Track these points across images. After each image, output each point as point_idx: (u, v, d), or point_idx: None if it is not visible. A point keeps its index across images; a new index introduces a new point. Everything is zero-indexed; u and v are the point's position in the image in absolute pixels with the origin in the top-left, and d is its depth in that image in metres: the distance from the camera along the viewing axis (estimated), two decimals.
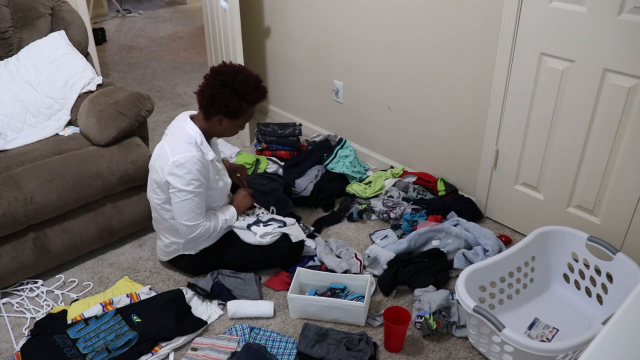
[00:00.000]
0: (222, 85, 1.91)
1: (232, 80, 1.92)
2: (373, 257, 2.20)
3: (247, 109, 1.98)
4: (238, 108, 1.95)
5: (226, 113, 1.95)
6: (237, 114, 1.96)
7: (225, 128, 2.02)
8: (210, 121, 1.99)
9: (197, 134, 1.98)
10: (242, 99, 1.93)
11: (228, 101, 1.92)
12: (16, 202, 2.02)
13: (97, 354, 1.81)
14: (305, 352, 1.83)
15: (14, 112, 2.42)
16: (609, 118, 1.97)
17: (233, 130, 2.05)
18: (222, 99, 1.92)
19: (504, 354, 1.71)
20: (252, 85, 1.95)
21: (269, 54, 3.47)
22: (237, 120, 2.00)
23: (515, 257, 2.00)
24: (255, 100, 1.98)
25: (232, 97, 1.92)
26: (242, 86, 1.92)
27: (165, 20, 5.85)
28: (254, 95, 1.96)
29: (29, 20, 2.60)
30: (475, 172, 2.55)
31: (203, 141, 1.99)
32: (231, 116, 1.97)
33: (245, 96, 1.94)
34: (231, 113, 1.95)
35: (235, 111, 1.95)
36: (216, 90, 1.92)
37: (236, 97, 1.92)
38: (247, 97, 1.94)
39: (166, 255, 2.20)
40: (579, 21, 1.93)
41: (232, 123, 2.00)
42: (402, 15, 2.53)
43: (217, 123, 1.99)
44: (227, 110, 1.94)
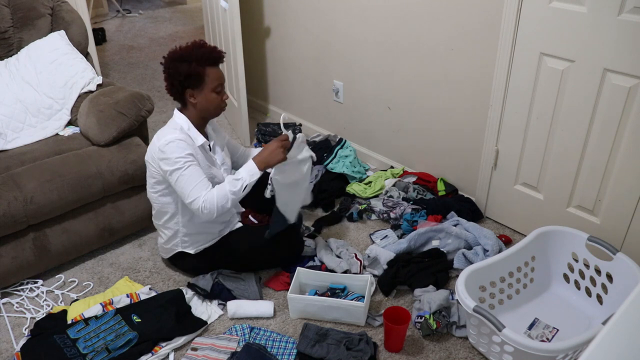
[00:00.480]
0: (169, 61, 1.95)
1: (173, 54, 1.96)
2: (373, 257, 2.20)
3: (204, 69, 1.94)
4: (192, 72, 1.92)
5: (187, 81, 1.94)
6: (196, 79, 1.94)
7: (203, 101, 1.98)
8: (187, 105, 2.00)
9: (183, 121, 2.00)
10: (190, 61, 1.92)
11: (178, 70, 1.92)
12: (16, 202, 2.02)
13: (97, 354, 1.81)
14: (305, 352, 1.83)
15: (14, 112, 2.42)
16: (609, 118, 1.97)
17: (213, 100, 1.99)
18: (174, 71, 1.94)
19: (504, 354, 1.71)
20: (194, 47, 1.95)
21: (269, 54, 3.47)
22: (204, 86, 1.95)
23: (515, 257, 2.00)
24: (204, 58, 1.94)
25: (181, 64, 1.92)
26: (184, 52, 1.94)
27: (165, 20, 5.85)
28: (199, 53, 1.93)
29: (29, 20, 2.60)
30: (475, 172, 2.55)
31: (190, 127, 2.00)
32: (194, 83, 1.94)
33: (190, 57, 1.92)
34: (190, 79, 1.93)
35: (193, 76, 1.93)
36: (168, 69, 1.96)
37: (184, 64, 1.92)
38: (193, 58, 1.92)
39: (166, 253, 2.20)
40: (579, 21, 1.93)
41: (203, 92, 1.96)
42: (402, 15, 2.53)
43: (192, 100, 1.98)
44: (186, 79, 1.93)
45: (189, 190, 1.91)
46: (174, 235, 2.11)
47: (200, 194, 1.90)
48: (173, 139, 1.91)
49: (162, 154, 1.92)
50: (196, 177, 1.92)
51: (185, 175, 1.91)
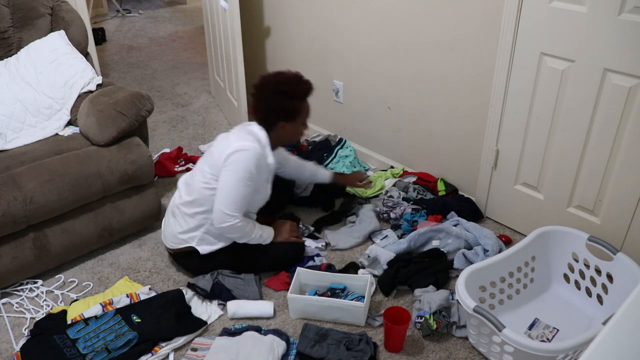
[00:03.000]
0: (270, 94, 2.02)
1: (275, 85, 2.03)
2: (373, 257, 2.20)
3: (302, 106, 2.06)
4: (293, 108, 2.03)
5: (284, 117, 2.04)
6: (294, 113, 2.04)
7: (290, 132, 2.09)
8: (272, 131, 2.06)
9: (263, 136, 2.05)
10: (292, 97, 2.02)
11: (281, 105, 2.01)
12: (16, 202, 2.02)
13: (96, 354, 1.81)
14: (305, 352, 1.83)
15: (13, 112, 2.42)
16: (609, 118, 1.97)
17: (299, 131, 2.13)
18: (275, 106, 2.02)
19: (504, 354, 1.70)
20: (295, 81, 2.04)
21: (269, 54, 3.47)
22: (298, 119, 2.07)
23: (516, 257, 2.00)
24: (304, 94, 2.05)
25: (283, 99, 2.01)
26: (287, 86, 2.02)
27: (165, 20, 5.85)
28: (301, 89, 2.04)
29: (28, 20, 2.60)
30: (475, 172, 2.55)
31: (267, 145, 2.05)
32: (290, 118, 2.04)
33: (294, 94, 2.02)
34: (288, 115, 2.04)
35: (292, 111, 2.04)
36: (266, 101, 2.03)
37: (286, 98, 2.01)
38: (296, 94, 2.03)
39: (176, 244, 2.15)
40: (579, 21, 1.93)
41: (294, 124, 2.07)
42: (402, 14, 2.53)
43: (281, 130, 2.06)
44: (284, 114, 2.03)
45: (233, 204, 1.97)
46: (196, 228, 2.09)
47: (236, 213, 1.99)
48: (252, 148, 1.96)
49: (235, 155, 1.94)
50: (245, 199, 2.00)
51: (239, 191, 1.97)
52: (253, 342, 1.84)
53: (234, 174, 1.95)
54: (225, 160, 1.96)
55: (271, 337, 1.86)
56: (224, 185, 1.97)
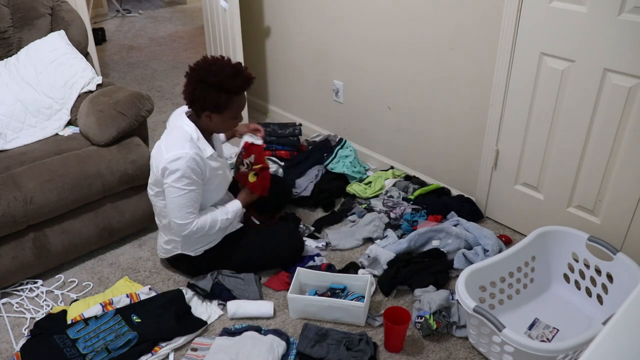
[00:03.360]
0: (198, 81, 1.87)
1: (206, 74, 1.86)
2: (373, 257, 2.20)
3: (231, 100, 1.90)
4: (219, 101, 1.87)
5: (210, 108, 1.90)
6: (221, 107, 1.89)
7: (218, 123, 1.96)
8: (200, 119, 1.96)
9: (192, 130, 1.94)
10: (220, 90, 1.86)
11: (206, 95, 1.86)
12: (16, 202, 2.02)
13: (96, 354, 1.81)
14: (305, 352, 1.83)
15: (13, 112, 2.42)
16: (609, 118, 1.97)
17: (228, 124, 2.00)
18: (200, 94, 1.87)
19: (504, 354, 1.70)
20: (229, 74, 1.86)
21: (269, 54, 3.47)
22: (226, 112, 1.92)
23: (516, 257, 2.00)
24: (235, 90, 1.88)
25: (210, 90, 1.86)
26: (217, 78, 1.85)
27: (165, 20, 5.85)
28: (232, 84, 1.87)
29: (28, 20, 2.60)
30: (475, 172, 2.55)
31: (200, 137, 1.95)
32: (216, 110, 1.90)
33: (223, 87, 1.85)
34: (214, 107, 1.89)
35: (218, 104, 1.88)
36: (193, 86, 1.89)
37: (213, 90, 1.85)
38: (225, 88, 1.86)
39: (165, 253, 2.19)
40: (579, 21, 1.93)
41: (222, 117, 1.93)
42: (402, 14, 2.53)
43: (208, 120, 1.94)
44: (210, 105, 1.89)
45: (182, 212, 1.93)
46: (173, 238, 2.11)
47: (190, 219, 1.95)
48: (183, 155, 1.86)
49: (169, 165, 1.87)
50: (194, 202, 1.95)
51: (185, 198, 1.92)
52: (253, 342, 1.84)
53: (173, 185, 1.89)
54: (163, 174, 1.90)
55: (271, 337, 1.86)
56: (169, 199, 1.93)
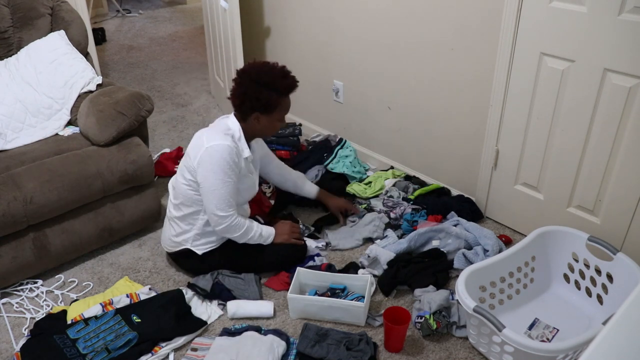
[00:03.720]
0: (249, 82, 1.95)
1: (257, 74, 1.95)
2: (373, 257, 2.20)
3: (280, 101, 1.98)
4: (269, 100, 1.95)
5: (260, 108, 1.97)
6: (270, 107, 1.97)
7: (265, 125, 2.02)
8: (247, 122, 2.02)
9: (236, 129, 2.01)
10: (271, 90, 1.94)
11: (258, 95, 1.94)
12: (16, 202, 2.02)
13: (96, 354, 1.81)
14: (305, 352, 1.83)
15: (13, 112, 2.42)
16: (609, 118, 1.97)
17: (274, 126, 2.05)
18: (252, 95, 1.94)
19: (504, 354, 1.70)
20: (279, 75, 1.97)
21: (269, 54, 3.47)
22: (274, 114, 2.00)
23: (516, 257, 2.00)
24: (285, 90, 1.98)
25: (262, 90, 1.94)
26: (269, 78, 1.94)
27: (165, 20, 5.85)
28: (282, 84, 1.96)
29: (28, 20, 2.60)
30: (475, 172, 2.55)
31: (241, 137, 2.01)
32: (266, 110, 1.97)
33: (274, 87, 1.94)
34: (264, 107, 1.96)
35: (268, 104, 1.96)
36: (245, 87, 1.96)
37: (265, 89, 1.94)
38: (276, 88, 1.95)
39: (172, 247, 2.17)
40: (579, 21, 1.93)
41: (269, 118, 2.00)
42: (403, 15, 2.53)
43: (255, 122, 2.01)
44: (260, 105, 1.96)
45: (223, 204, 1.96)
46: (189, 230, 2.10)
47: (230, 211, 1.98)
48: (224, 146, 1.92)
49: (209, 156, 1.92)
50: (231, 194, 1.97)
51: (225, 189, 1.95)
52: (253, 342, 1.84)
53: (211, 174, 1.93)
54: (199, 161, 1.94)
55: (271, 337, 1.86)
56: (206, 188, 1.96)
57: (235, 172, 1.97)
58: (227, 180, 1.95)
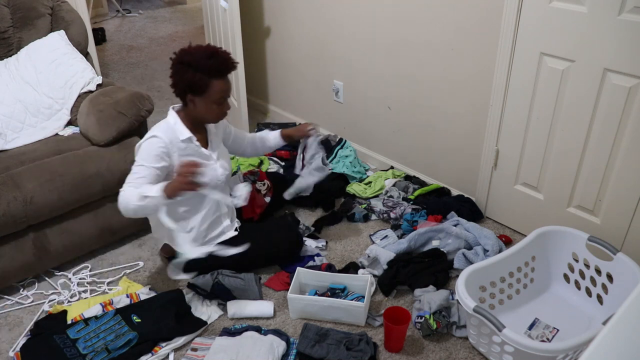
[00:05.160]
0: (175, 63, 1.95)
1: (181, 55, 1.94)
2: (373, 257, 2.20)
3: (209, 82, 1.92)
4: (195, 81, 1.90)
5: (189, 89, 1.93)
6: (198, 88, 1.92)
7: (202, 109, 1.97)
8: (187, 106, 2.00)
9: (171, 117, 2.02)
10: (195, 69, 1.90)
11: (183, 75, 1.91)
12: (16, 202, 2.02)
13: (96, 354, 1.81)
14: (305, 352, 1.83)
15: (13, 112, 2.42)
16: (609, 118, 1.97)
17: (213, 110, 1.99)
18: (179, 75, 1.93)
19: (504, 354, 1.70)
20: (204, 55, 1.92)
21: (269, 54, 3.47)
22: (207, 95, 1.94)
23: (516, 257, 2.00)
24: (211, 71, 1.91)
25: (185, 70, 1.91)
26: (192, 58, 1.91)
27: (165, 20, 5.85)
28: (207, 64, 1.90)
29: (28, 20, 2.60)
30: (475, 172, 2.55)
31: (177, 122, 2.00)
32: (196, 92, 1.93)
33: (198, 66, 1.90)
34: (191, 88, 1.92)
35: (194, 85, 1.91)
36: (174, 69, 1.96)
37: (189, 69, 1.90)
38: (200, 67, 1.90)
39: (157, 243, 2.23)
40: (579, 21, 1.93)
41: (204, 101, 1.95)
42: (403, 15, 2.53)
43: (192, 105, 1.98)
44: (187, 85, 1.92)
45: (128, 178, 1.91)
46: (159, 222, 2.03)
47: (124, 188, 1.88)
48: (149, 138, 1.94)
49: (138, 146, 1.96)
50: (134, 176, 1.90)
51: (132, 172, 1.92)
52: (253, 342, 1.84)
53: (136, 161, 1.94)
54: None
55: (271, 337, 1.86)
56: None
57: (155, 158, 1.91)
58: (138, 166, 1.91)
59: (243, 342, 1.85)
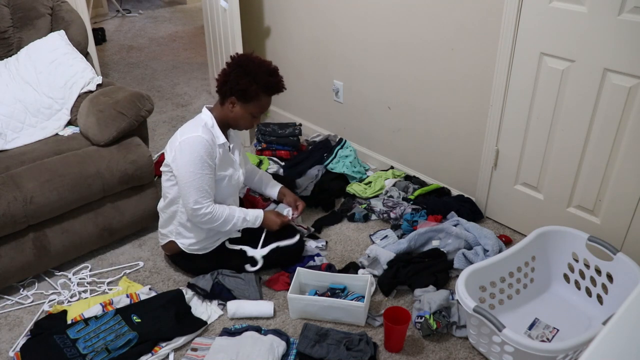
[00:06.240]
0: (235, 65, 1.98)
1: (245, 61, 1.97)
2: (373, 257, 2.20)
3: (259, 94, 1.97)
4: (248, 89, 1.94)
5: (237, 93, 1.96)
6: (247, 96, 1.96)
7: (238, 114, 2.01)
8: (224, 106, 2.02)
9: (208, 118, 2.02)
10: (253, 80, 1.94)
11: (239, 79, 1.94)
12: (16, 202, 2.02)
13: (97, 354, 1.81)
14: (305, 352, 1.83)
15: (13, 112, 2.42)
16: (609, 118, 1.97)
17: (246, 119, 2.03)
18: (234, 78, 1.95)
19: (504, 354, 1.70)
20: (266, 71, 1.97)
21: (269, 54, 3.47)
22: (250, 105, 1.99)
23: (516, 257, 2.00)
24: (266, 86, 1.97)
25: (244, 76, 1.94)
26: (255, 68, 1.95)
27: (165, 20, 5.85)
28: (266, 80, 1.96)
29: (28, 20, 2.60)
30: (475, 172, 2.55)
31: (214, 124, 2.02)
32: (242, 98, 1.97)
33: (257, 78, 1.94)
34: (241, 94, 1.96)
35: (246, 92, 1.95)
36: (230, 69, 1.98)
37: (248, 77, 1.94)
38: (259, 80, 1.95)
39: (162, 238, 2.21)
40: (579, 21, 1.93)
41: (244, 108, 1.99)
42: (403, 14, 2.53)
43: (230, 107, 2.00)
44: (237, 90, 1.95)
45: (197, 195, 1.96)
46: (169, 221, 2.13)
47: (205, 203, 1.97)
48: (196, 137, 1.94)
49: (182, 148, 1.94)
50: (207, 185, 1.97)
51: (198, 181, 1.95)
52: (253, 342, 1.84)
53: (185, 167, 1.94)
54: (174, 156, 1.97)
55: (271, 337, 1.86)
56: (181, 181, 1.97)
57: (209, 163, 1.96)
58: (200, 172, 1.94)
59: (243, 342, 1.85)
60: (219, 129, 2.02)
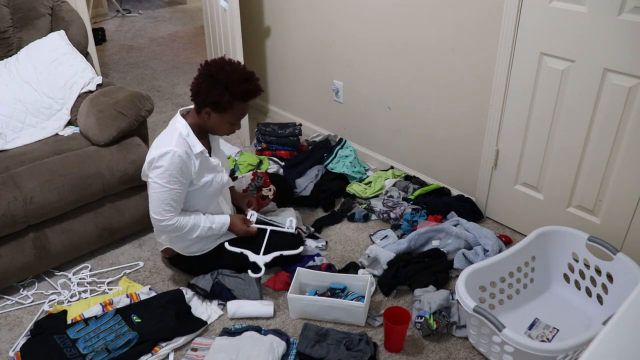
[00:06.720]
0: (207, 75, 1.89)
1: (217, 70, 1.88)
2: (373, 257, 2.20)
3: (233, 103, 1.90)
4: (221, 100, 1.87)
5: (211, 105, 1.90)
6: (222, 106, 1.89)
7: (215, 123, 1.96)
8: (200, 115, 1.96)
9: (182, 126, 1.96)
10: (225, 90, 1.86)
11: (210, 91, 1.87)
12: (16, 202, 2.02)
13: (97, 354, 1.81)
14: (305, 352, 1.83)
15: (13, 112, 2.42)
16: (609, 118, 1.97)
17: (224, 127, 1.99)
18: (206, 89, 1.88)
19: (504, 354, 1.70)
20: (238, 78, 1.88)
21: (269, 54, 3.47)
22: (225, 115, 1.92)
23: (516, 257, 2.00)
24: (239, 94, 1.89)
25: (216, 87, 1.86)
26: (227, 77, 1.86)
27: (165, 20, 5.85)
28: (239, 88, 1.87)
29: (28, 20, 2.60)
30: (475, 172, 2.55)
31: (190, 133, 1.96)
32: (217, 109, 1.90)
33: (229, 88, 1.86)
34: (215, 105, 1.89)
35: (219, 103, 1.88)
36: (202, 79, 1.90)
37: (220, 87, 1.86)
38: (231, 90, 1.86)
39: (160, 245, 2.20)
40: (579, 21, 1.93)
41: (220, 118, 1.93)
42: (403, 15, 2.53)
43: (206, 116, 1.94)
44: (211, 102, 1.88)
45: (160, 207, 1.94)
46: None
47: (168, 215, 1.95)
48: (168, 151, 1.88)
49: (155, 162, 1.90)
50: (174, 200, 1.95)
51: (165, 195, 1.92)
52: (253, 342, 1.84)
53: (156, 180, 1.91)
54: (148, 169, 1.95)
55: (271, 337, 1.86)
56: (150, 193, 1.96)
57: (181, 180, 1.93)
58: (167, 186, 1.91)
59: (243, 342, 1.85)
60: (195, 137, 1.97)
